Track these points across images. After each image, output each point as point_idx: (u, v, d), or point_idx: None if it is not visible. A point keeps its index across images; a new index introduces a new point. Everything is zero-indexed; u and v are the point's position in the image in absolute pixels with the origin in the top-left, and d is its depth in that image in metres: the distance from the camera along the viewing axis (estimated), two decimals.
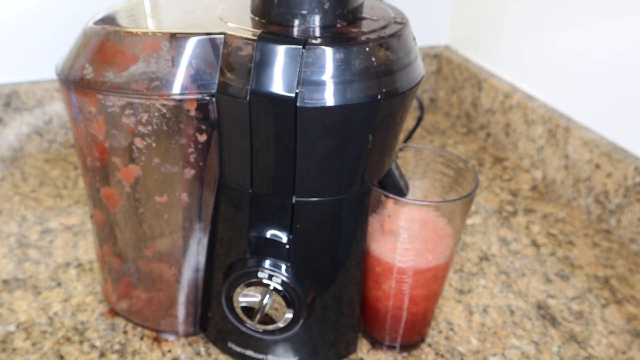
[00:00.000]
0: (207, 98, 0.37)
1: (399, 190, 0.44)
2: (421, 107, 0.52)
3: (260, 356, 0.46)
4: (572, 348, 0.49)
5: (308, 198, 0.40)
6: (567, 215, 0.66)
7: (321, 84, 0.35)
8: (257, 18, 0.39)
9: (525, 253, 0.60)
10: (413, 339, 0.48)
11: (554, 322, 0.52)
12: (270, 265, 0.41)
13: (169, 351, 0.47)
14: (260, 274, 0.41)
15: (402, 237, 0.42)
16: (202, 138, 0.39)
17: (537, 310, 0.53)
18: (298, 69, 0.35)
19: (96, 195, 0.44)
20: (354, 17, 0.39)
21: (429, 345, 0.49)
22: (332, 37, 0.36)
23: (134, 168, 0.41)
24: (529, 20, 0.74)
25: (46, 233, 0.60)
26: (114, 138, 0.40)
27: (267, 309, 0.42)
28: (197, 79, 0.37)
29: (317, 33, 0.37)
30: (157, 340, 0.48)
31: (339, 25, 0.38)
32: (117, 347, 0.47)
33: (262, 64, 0.35)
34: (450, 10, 0.89)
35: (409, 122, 0.81)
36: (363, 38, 0.36)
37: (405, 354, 0.48)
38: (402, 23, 0.39)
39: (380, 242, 0.43)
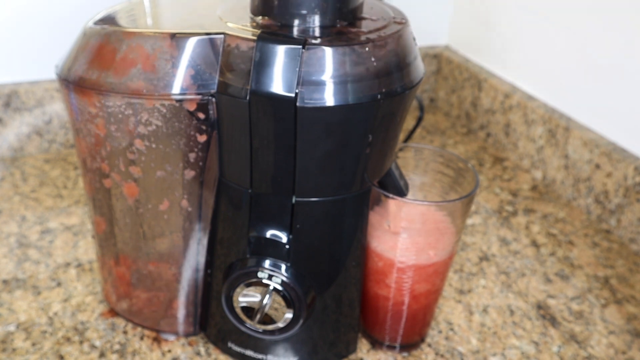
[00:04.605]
0: (207, 98, 0.38)
1: (399, 190, 0.44)
2: (421, 107, 0.52)
3: (260, 356, 0.46)
4: (572, 348, 0.49)
5: (308, 198, 0.40)
6: (567, 215, 0.66)
7: (321, 84, 0.35)
8: (257, 18, 0.39)
9: (525, 253, 0.60)
10: (413, 338, 0.48)
11: (554, 322, 0.52)
12: (270, 265, 0.41)
13: (169, 351, 0.47)
14: (260, 274, 0.41)
15: (404, 236, 0.42)
16: (202, 138, 0.39)
17: (537, 310, 0.53)
18: (298, 69, 0.35)
19: (96, 196, 0.44)
20: (354, 17, 0.39)
21: (429, 345, 0.49)
22: (331, 37, 0.36)
23: (135, 174, 0.41)
24: (529, 21, 0.74)
25: (46, 233, 0.61)
26: (114, 139, 0.40)
27: (267, 309, 0.42)
28: (197, 79, 0.37)
29: (317, 33, 0.37)
30: (157, 340, 0.48)
31: (338, 25, 0.38)
32: (117, 347, 0.47)
33: (261, 64, 0.35)
34: (450, 10, 0.89)
35: (409, 122, 0.81)
36: (363, 38, 0.36)
37: (405, 354, 0.48)
38: (402, 23, 0.39)
39: (381, 239, 0.43)
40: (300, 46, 0.35)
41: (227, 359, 0.47)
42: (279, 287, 0.41)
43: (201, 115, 0.38)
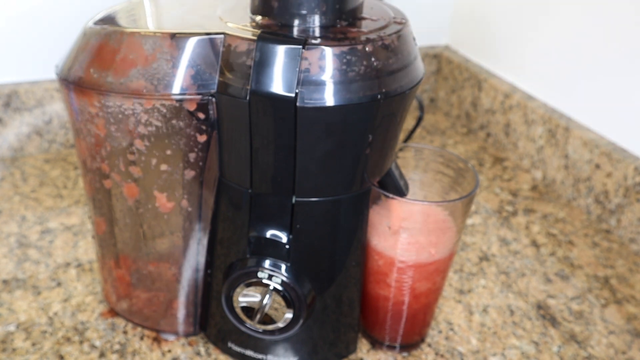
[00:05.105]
0: (207, 98, 0.38)
1: (399, 190, 0.44)
2: (421, 107, 0.52)
3: (260, 356, 0.46)
4: (572, 348, 0.49)
5: (308, 198, 0.40)
6: (567, 215, 0.66)
7: (321, 84, 0.35)
8: (257, 18, 0.39)
9: (525, 253, 0.60)
10: (413, 338, 0.48)
11: (554, 322, 0.52)
12: (270, 265, 0.41)
13: (169, 351, 0.47)
14: (260, 274, 0.41)
15: (404, 235, 0.42)
16: (202, 138, 0.39)
17: (537, 310, 0.53)
18: (298, 69, 0.35)
19: (96, 197, 0.44)
20: (354, 17, 0.39)
21: (429, 345, 0.49)
22: (331, 37, 0.36)
23: (135, 174, 0.41)
24: (529, 21, 0.74)
25: (46, 233, 0.61)
26: (114, 139, 0.40)
27: (267, 309, 0.42)
28: (197, 79, 0.37)
29: (317, 33, 0.37)
30: (157, 340, 0.48)
31: (338, 26, 0.38)
32: (117, 347, 0.47)
33: (261, 64, 0.35)
34: (450, 10, 0.89)
35: (409, 122, 0.81)
36: (363, 38, 0.36)
37: (405, 354, 0.48)
38: (402, 23, 0.39)
39: (382, 237, 0.43)
40: (300, 46, 0.35)
41: (227, 359, 0.47)
42: (279, 287, 0.41)
43: (201, 115, 0.38)
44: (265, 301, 0.41)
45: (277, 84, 0.35)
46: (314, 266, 0.42)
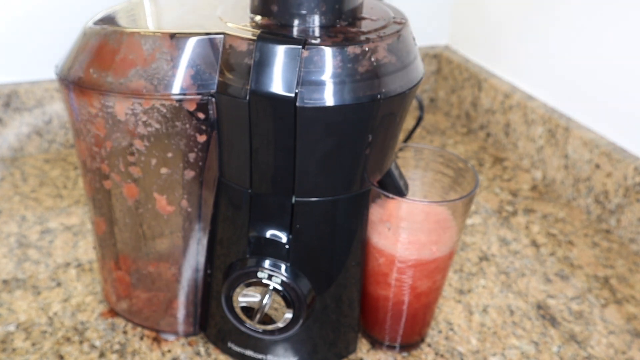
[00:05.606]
0: (207, 98, 0.38)
1: (399, 190, 0.44)
2: (421, 107, 0.52)
3: (260, 356, 0.46)
4: (572, 348, 0.49)
5: (308, 198, 0.40)
6: (567, 215, 0.66)
7: (320, 84, 0.35)
8: (256, 18, 0.39)
9: (525, 253, 0.60)
10: (413, 338, 0.48)
11: (553, 322, 0.52)
12: (270, 265, 0.41)
13: (169, 351, 0.47)
14: (260, 274, 0.41)
15: (404, 235, 0.42)
16: (202, 138, 0.39)
17: (537, 310, 0.53)
18: (297, 69, 0.35)
19: (96, 197, 0.44)
20: (354, 17, 0.39)
21: (429, 345, 0.49)
22: (331, 37, 0.36)
23: (135, 174, 0.41)
24: (528, 20, 0.74)
25: (46, 233, 0.61)
26: (114, 139, 0.40)
27: (266, 309, 0.42)
28: (196, 79, 0.37)
29: (317, 33, 0.37)
30: (156, 340, 0.48)
31: (338, 25, 0.38)
32: (116, 347, 0.47)
33: (261, 64, 0.35)
34: (450, 10, 0.89)
35: (409, 122, 0.81)
36: (362, 38, 0.36)
37: (405, 354, 0.48)
38: (402, 23, 0.39)
39: (382, 236, 0.43)
40: (300, 46, 0.35)
41: (227, 359, 0.47)
42: (279, 287, 0.41)
43: (201, 115, 0.38)
44: (265, 301, 0.41)
45: (277, 84, 0.35)
46: (313, 266, 0.42)
